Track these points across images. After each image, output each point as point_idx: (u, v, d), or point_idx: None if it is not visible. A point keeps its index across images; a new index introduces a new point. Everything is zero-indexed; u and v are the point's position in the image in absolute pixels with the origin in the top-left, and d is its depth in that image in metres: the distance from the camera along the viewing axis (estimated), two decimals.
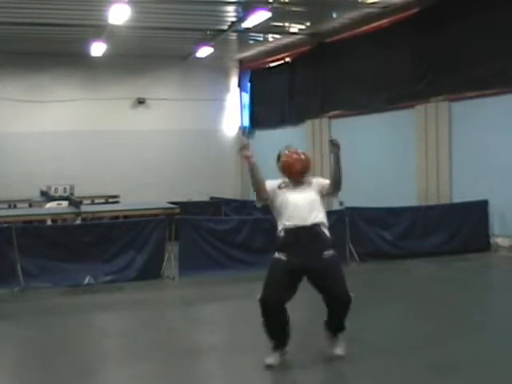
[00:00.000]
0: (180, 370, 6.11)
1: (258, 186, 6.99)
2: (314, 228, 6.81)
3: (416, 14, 16.69)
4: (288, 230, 6.82)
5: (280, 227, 6.92)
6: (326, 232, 6.93)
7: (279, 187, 7.00)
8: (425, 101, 16.73)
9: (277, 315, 6.75)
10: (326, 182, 7.13)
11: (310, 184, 7.06)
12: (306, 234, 6.76)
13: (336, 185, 7.05)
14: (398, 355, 7.33)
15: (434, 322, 8.91)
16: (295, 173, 7.00)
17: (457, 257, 13.62)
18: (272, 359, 6.80)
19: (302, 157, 7.07)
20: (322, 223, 6.92)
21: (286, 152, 7.12)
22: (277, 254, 6.85)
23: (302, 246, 6.72)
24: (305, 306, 8.85)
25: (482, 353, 7.37)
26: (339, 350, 7.08)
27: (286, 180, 7.06)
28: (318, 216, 6.90)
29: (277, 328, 6.83)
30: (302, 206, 6.85)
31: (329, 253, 6.84)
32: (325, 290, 6.92)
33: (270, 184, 7.04)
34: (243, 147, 7.09)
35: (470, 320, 9.06)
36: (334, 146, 6.91)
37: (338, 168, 6.94)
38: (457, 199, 15.60)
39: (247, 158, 6.93)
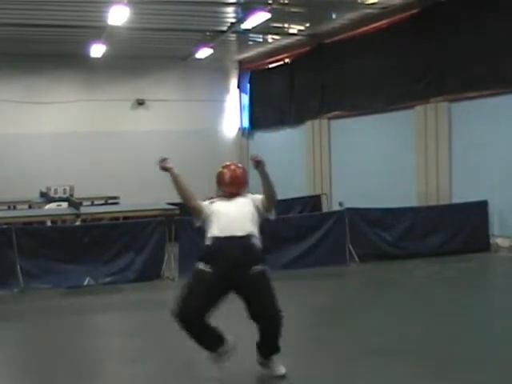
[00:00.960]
0: (181, 370, 6.10)
1: (187, 197, 6.59)
2: (246, 239, 6.32)
3: (415, 14, 16.69)
4: (216, 240, 6.34)
5: (208, 236, 6.44)
6: (259, 245, 6.44)
7: (212, 202, 6.66)
8: (424, 101, 16.74)
9: (195, 324, 6.23)
10: (260, 197, 6.69)
11: (245, 198, 6.70)
12: (236, 245, 6.26)
13: (271, 199, 6.59)
14: (398, 356, 7.32)
15: (434, 323, 8.90)
16: (229, 184, 6.74)
17: (457, 257, 13.61)
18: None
19: (237, 169, 6.89)
20: (255, 235, 6.42)
21: (222, 169, 6.91)
22: (200, 265, 6.31)
23: (231, 257, 6.21)
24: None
25: (482, 353, 7.37)
26: (281, 369, 6.58)
27: (220, 195, 6.78)
28: (251, 227, 6.41)
29: (204, 337, 6.35)
30: (235, 215, 6.44)
31: (257, 268, 6.28)
32: (252, 307, 6.36)
33: (204, 203, 6.68)
34: (162, 160, 6.59)
35: (470, 320, 9.06)
36: (257, 163, 6.43)
37: (268, 183, 6.54)
38: (456, 200, 15.59)
39: (168, 169, 6.53)
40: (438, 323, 8.88)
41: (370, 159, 19.05)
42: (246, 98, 25.91)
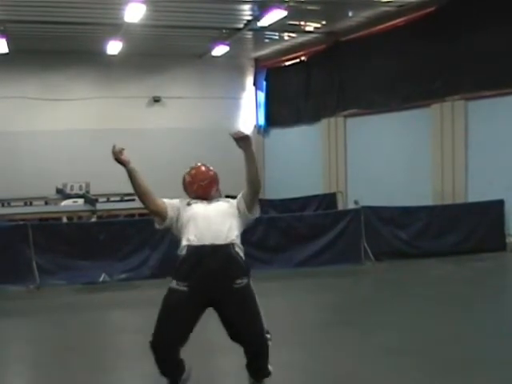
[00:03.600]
0: (195, 367, 6.11)
1: (146, 197, 5.72)
2: (228, 248, 5.43)
3: (432, 12, 16.62)
4: (192, 248, 5.45)
5: (183, 243, 5.55)
6: (242, 255, 5.54)
7: (188, 204, 5.77)
8: (441, 100, 16.68)
9: (169, 359, 5.67)
10: (239, 196, 5.86)
11: (224, 201, 5.89)
12: (215, 256, 5.38)
13: (253, 185, 5.74)
14: (411, 355, 7.31)
15: (448, 322, 8.89)
16: (200, 186, 5.96)
17: (472, 256, 13.57)
18: None
19: (205, 169, 6.17)
20: (238, 244, 5.52)
21: (186, 176, 6.12)
22: (174, 284, 5.50)
23: (210, 270, 5.35)
24: None
25: (495, 353, 7.36)
26: None
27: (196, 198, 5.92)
28: (234, 234, 5.53)
29: (170, 369, 5.78)
30: (214, 218, 5.56)
31: (242, 282, 5.44)
32: (233, 328, 5.66)
33: (172, 201, 5.83)
34: (117, 151, 5.70)
35: (485, 320, 9.04)
36: (239, 139, 5.70)
37: (253, 166, 5.78)
38: (472, 199, 15.53)
39: (123, 163, 5.66)
40: (452, 323, 8.86)
41: (386, 157, 19.00)
42: (261, 96, 25.91)
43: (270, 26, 18.49)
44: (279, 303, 9.86)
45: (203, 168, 6.12)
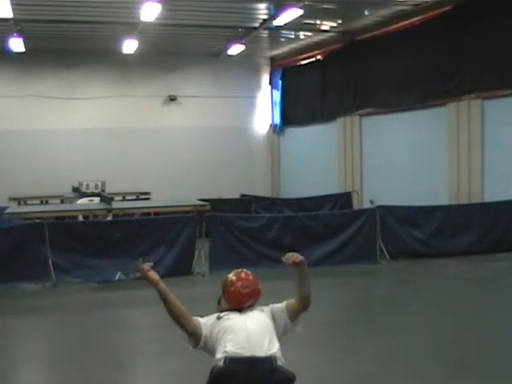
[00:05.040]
0: (207, 369, 6.12)
1: (179, 317, 5.01)
2: (270, 361, 4.68)
3: (448, 11, 16.57)
4: (231, 360, 4.67)
5: (217, 356, 4.76)
6: (285, 366, 4.76)
7: (218, 318, 5.02)
8: (457, 99, 16.60)
9: None
10: (280, 306, 5.14)
11: (260, 310, 5.10)
12: (258, 368, 4.63)
13: (305, 302, 5.10)
14: (426, 355, 7.30)
15: (463, 322, 8.88)
16: (239, 292, 5.11)
17: (488, 256, 13.52)
18: None
19: (249, 275, 5.27)
20: (279, 357, 4.75)
21: (231, 275, 5.27)
22: None
23: (251, 383, 4.61)
24: None
25: (510, 352, 7.33)
26: None
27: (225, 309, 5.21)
28: (275, 347, 4.79)
29: None
30: (252, 330, 4.82)
31: None
32: None
33: (205, 319, 5.11)
34: (145, 268, 5.33)
35: (500, 320, 9.02)
36: (294, 265, 5.02)
37: (307, 285, 5.09)
38: (488, 198, 15.46)
39: (153, 282, 5.11)
40: (466, 323, 8.85)
41: (402, 157, 18.94)
42: (277, 95, 25.91)
43: (285, 24, 18.49)
44: None
45: (251, 277, 5.27)
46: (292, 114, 24.74)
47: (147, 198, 20.80)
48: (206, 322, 5.05)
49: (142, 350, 8.17)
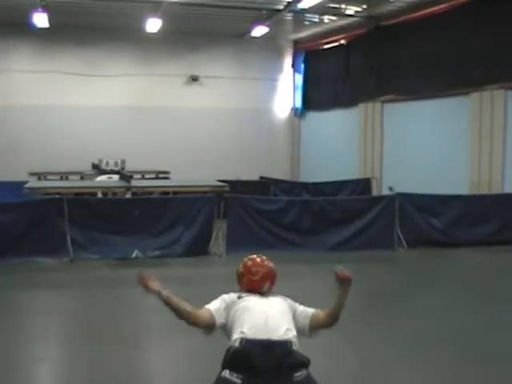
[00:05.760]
0: (222, 346, 6.13)
1: (188, 318, 5.01)
2: (286, 345, 4.67)
3: (475, 0, 16.40)
4: (247, 341, 4.69)
5: (235, 336, 4.77)
6: (300, 352, 4.73)
7: (239, 297, 5.03)
8: (480, 88, 16.48)
9: None
10: (307, 310, 5.11)
11: (284, 299, 5.10)
12: (273, 351, 4.63)
13: (333, 320, 5.06)
14: (441, 343, 7.30)
15: (479, 312, 8.85)
16: (250, 280, 5.16)
17: (506, 247, 13.44)
18: None
19: (260, 261, 5.32)
20: (295, 343, 4.73)
21: (241, 268, 5.30)
22: (226, 374, 4.64)
23: (267, 365, 4.57)
24: None
25: None
26: None
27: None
28: (292, 333, 4.78)
29: None
30: (271, 313, 4.84)
31: (302, 374, 4.63)
32: None
33: (218, 305, 5.04)
34: (145, 280, 5.13)
35: None
36: (342, 280, 4.91)
37: (343, 305, 5.01)
38: (508, 190, 15.36)
39: (155, 292, 5.06)
40: (483, 312, 8.84)
41: (422, 145, 18.84)
42: (299, 78, 25.81)
43: (310, 8, 18.42)
44: (310, 287, 9.87)
45: (258, 260, 5.34)
46: (313, 98, 24.65)
47: (167, 177, 20.85)
48: (219, 307, 5.02)
49: (156, 329, 8.19)
